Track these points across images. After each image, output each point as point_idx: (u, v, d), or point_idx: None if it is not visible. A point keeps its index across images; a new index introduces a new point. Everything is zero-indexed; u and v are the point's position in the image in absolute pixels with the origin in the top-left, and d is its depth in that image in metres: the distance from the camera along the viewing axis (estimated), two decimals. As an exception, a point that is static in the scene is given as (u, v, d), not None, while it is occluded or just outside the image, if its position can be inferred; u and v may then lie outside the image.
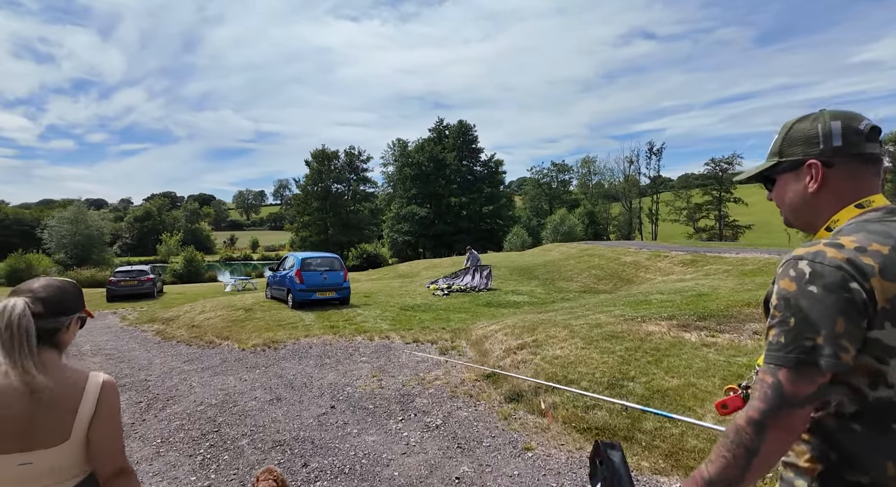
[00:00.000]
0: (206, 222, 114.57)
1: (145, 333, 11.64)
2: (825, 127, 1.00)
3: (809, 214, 1.06)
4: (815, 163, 1.00)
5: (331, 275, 13.08)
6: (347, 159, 54.32)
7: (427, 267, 27.83)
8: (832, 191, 1.01)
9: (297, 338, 9.27)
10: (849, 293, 0.83)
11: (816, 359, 0.84)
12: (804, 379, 0.85)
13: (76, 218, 46.72)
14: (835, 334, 0.83)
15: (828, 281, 0.85)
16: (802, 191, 1.04)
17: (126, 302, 18.38)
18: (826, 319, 0.83)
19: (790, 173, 1.06)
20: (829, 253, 0.87)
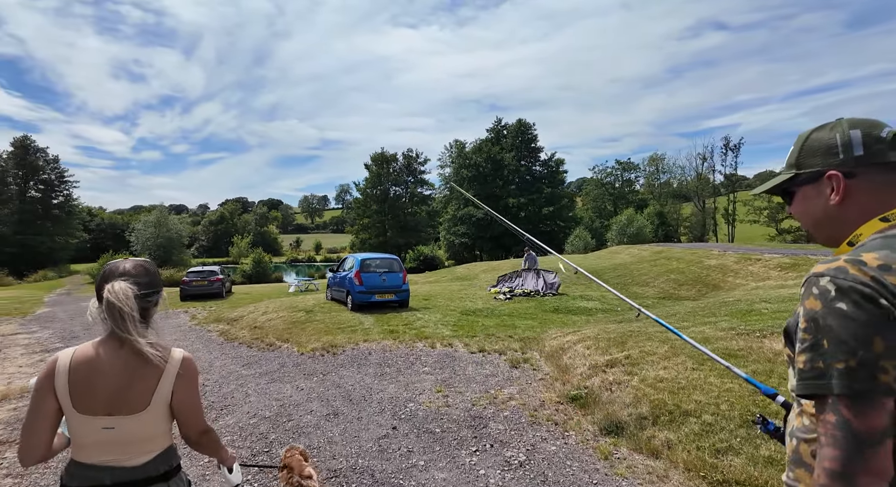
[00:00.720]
0: (273, 225, 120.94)
1: (210, 333, 11.74)
2: (844, 135, 0.95)
3: (832, 228, 0.99)
4: (835, 174, 0.95)
5: (390, 277, 12.61)
6: (405, 162, 54.73)
7: (486, 269, 26.97)
8: (855, 204, 0.94)
9: (356, 343, 8.79)
10: (881, 309, 0.76)
11: (850, 385, 0.76)
12: (871, 407, 0.75)
13: (158, 221, 50.63)
14: (872, 355, 0.75)
15: (855, 299, 0.78)
16: (824, 203, 0.98)
17: (197, 302, 19.11)
18: (860, 338, 0.76)
19: (810, 185, 1.00)
20: (852, 270, 0.81)
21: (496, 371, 6.53)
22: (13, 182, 46.83)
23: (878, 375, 0.75)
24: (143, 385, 1.35)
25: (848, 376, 0.76)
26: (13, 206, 46.21)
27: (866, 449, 0.74)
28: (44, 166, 48.27)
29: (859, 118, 0.96)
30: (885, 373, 0.75)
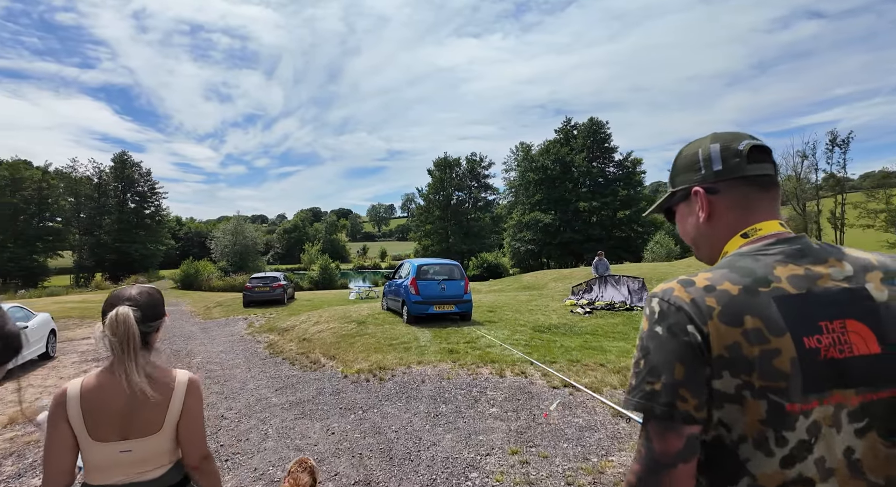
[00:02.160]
0: (342, 233, 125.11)
1: (258, 344, 10.88)
2: (705, 150, 0.93)
3: (707, 247, 0.96)
4: (698, 189, 0.93)
5: (450, 285, 11.07)
6: (469, 166, 53.43)
7: (556, 278, 24.69)
8: (721, 221, 0.92)
9: (409, 365, 7.31)
10: (687, 336, 0.77)
11: (653, 407, 0.77)
12: (670, 430, 0.76)
13: (236, 229, 53.37)
14: (673, 381, 0.76)
15: (671, 323, 0.79)
16: (695, 221, 0.96)
17: (259, 308, 18.81)
18: (666, 364, 0.77)
19: (683, 203, 0.99)
20: (677, 291, 0.81)
21: (593, 421, 4.71)
22: (113, 194, 51.64)
23: (676, 402, 0.75)
24: (155, 407, 1.37)
25: (652, 398, 0.77)
26: (113, 217, 50.85)
27: (661, 470, 0.75)
28: (138, 179, 52.89)
29: (725, 132, 0.94)
30: (683, 401, 0.75)
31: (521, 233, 46.05)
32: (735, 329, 0.75)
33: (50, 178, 50.10)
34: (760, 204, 0.89)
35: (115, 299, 1.40)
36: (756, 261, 0.82)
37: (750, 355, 0.74)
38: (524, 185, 47.71)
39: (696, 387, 0.75)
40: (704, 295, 0.78)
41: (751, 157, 0.88)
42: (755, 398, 0.74)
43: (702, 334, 0.76)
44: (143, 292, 1.45)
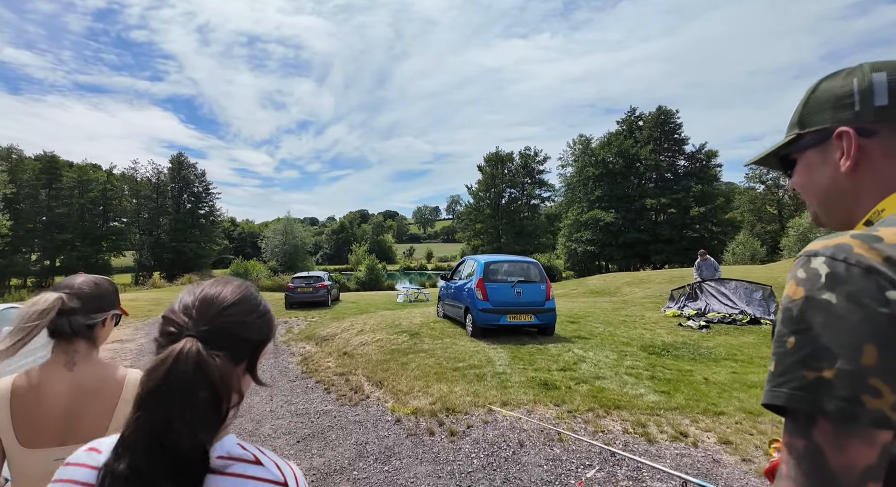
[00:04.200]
0: (389, 234, 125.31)
1: (292, 358, 8.94)
2: (863, 81, 0.70)
3: (843, 205, 0.73)
4: (846, 131, 0.70)
5: (528, 289, 8.64)
6: (522, 161, 50.33)
7: (629, 282, 21.57)
8: (874, 171, 0.70)
9: (489, 406, 4.99)
10: (886, 307, 0.53)
11: (821, 402, 0.53)
12: (854, 436, 0.53)
13: (285, 229, 53.40)
14: (858, 368, 0.52)
15: (853, 288, 0.55)
16: (832, 172, 0.73)
17: (301, 311, 17.17)
18: (846, 345, 0.54)
19: (814, 149, 0.75)
20: (858, 247, 0.58)
21: None
22: (170, 195, 53.05)
23: (861, 396, 0.52)
24: (99, 408, 1.21)
25: (819, 390, 0.54)
26: (170, 217, 52.20)
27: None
28: (194, 180, 54.04)
29: (890, 60, 0.71)
30: (874, 396, 0.52)
31: (578, 233, 42.46)
32: None
33: (114, 180, 52.17)
34: None
35: (55, 286, 1.28)
36: None
37: None
38: (582, 181, 43.96)
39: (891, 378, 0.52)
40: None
41: None
42: None
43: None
44: (87, 282, 1.29)
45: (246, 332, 0.76)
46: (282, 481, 0.72)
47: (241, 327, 0.75)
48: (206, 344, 0.69)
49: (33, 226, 48.66)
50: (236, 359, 0.73)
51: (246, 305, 0.78)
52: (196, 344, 0.68)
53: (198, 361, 0.66)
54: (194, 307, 0.74)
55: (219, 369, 0.67)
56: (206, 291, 0.78)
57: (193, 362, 0.65)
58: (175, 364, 0.65)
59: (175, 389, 0.64)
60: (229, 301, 0.76)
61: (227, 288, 0.79)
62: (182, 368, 0.65)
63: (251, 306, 0.78)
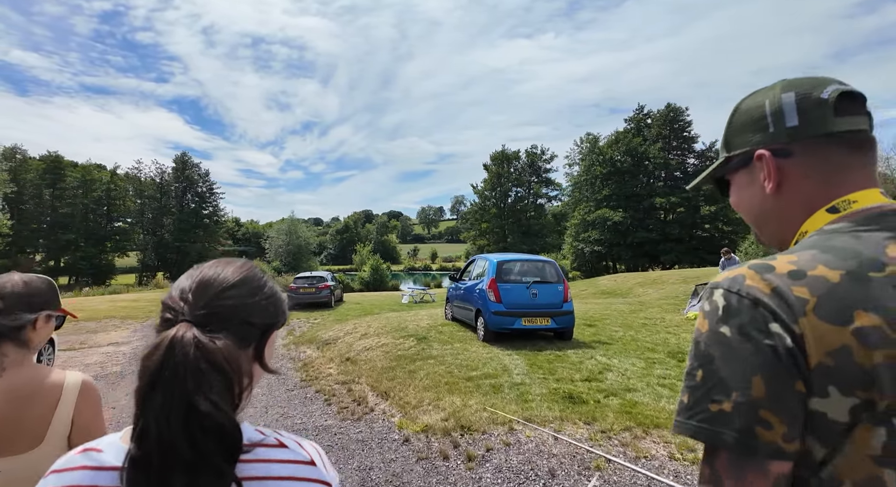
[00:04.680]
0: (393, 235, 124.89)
1: (291, 364, 8.38)
2: (774, 102, 0.70)
3: (773, 224, 0.73)
4: (763, 153, 0.70)
5: (543, 291, 8.04)
6: (528, 160, 49.60)
7: (642, 282, 20.92)
8: (796, 192, 0.70)
9: (510, 425, 4.40)
10: (769, 338, 0.56)
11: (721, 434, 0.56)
12: (751, 468, 0.55)
13: (289, 230, 53.03)
14: (749, 399, 0.55)
15: (743, 321, 0.58)
16: (759, 193, 0.73)
17: (304, 312, 16.65)
18: (737, 377, 0.56)
19: (742, 171, 0.75)
20: (750, 279, 0.60)
21: None
22: (174, 195, 52.79)
23: (755, 428, 0.54)
24: (36, 415, 1.12)
25: (719, 422, 0.56)
26: (174, 217, 51.94)
27: None
28: (197, 180, 53.77)
29: (801, 77, 0.71)
30: (765, 428, 0.54)
31: (585, 233, 41.74)
32: (842, 328, 0.55)
33: (118, 180, 51.98)
34: (851, 169, 0.68)
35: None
36: (857, 239, 0.61)
37: (867, 363, 0.53)
38: (590, 180, 43.20)
39: (785, 408, 0.55)
40: (791, 283, 0.58)
41: (839, 108, 0.67)
42: (873, 423, 0.54)
43: (792, 335, 0.55)
44: (14, 281, 1.20)
45: (248, 315, 0.69)
46: (308, 459, 0.69)
47: (243, 310, 0.69)
48: (203, 328, 0.63)
49: (37, 226, 48.55)
50: (240, 343, 0.67)
51: (248, 287, 0.71)
52: (191, 328, 0.63)
53: (196, 344, 0.61)
54: (191, 290, 0.69)
55: (223, 350, 0.62)
56: (205, 273, 0.72)
57: (191, 346, 0.60)
58: (169, 351, 0.60)
59: (180, 375, 0.58)
60: (229, 282, 0.70)
61: (227, 269, 0.73)
62: (179, 353, 0.59)
63: (254, 288, 0.72)
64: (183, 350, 0.60)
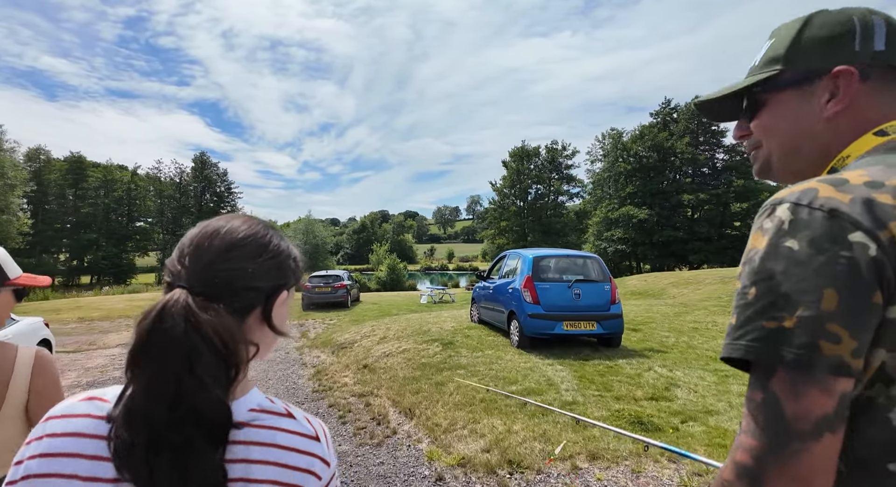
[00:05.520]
0: (409, 234, 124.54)
1: (304, 370, 7.57)
2: (866, 21, 0.66)
3: (810, 152, 0.69)
4: (849, 70, 0.65)
5: (588, 290, 7.06)
6: (549, 156, 48.24)
7: (675, 282, 19.66)
8: (853, 116, 0.66)
9: (572, 460, 3.46)
10: (847, 250, 0.51)
11: (779, 351, 0.51)
12: (812, 385, 0.50)
13: (306, 229, 52.73)
14: (817, 313, 0.50)
15: (815, 233, 0.53)
16: (812, 115, 0.68)
17: (319, 312, 15.92)
18: (805, 290, 0.51)
19: (795, 89, 0.69)
20: (824, 191, 0.55)
21: None
22: (193, 194, 53.05)
23: (819, 342, 0.50)
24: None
25: (778, 339, 0.52)
26: (193, 216, 52.17)
27: (797, 443, 0.50)
28: (216, 180, 53.95)
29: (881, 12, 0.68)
30: (832, 341, 0.50)
31: (608, 232, 40.28)
32: None
33: (138, 180, 52.46)
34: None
35: None
36: None
37: None
38: (613, 177, 41.66)
39: (858, 322, 0.50)
40: (871, 192, 0.53)
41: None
42: None
43: (878, 243, 0.50)
44: None
45: (251, 279, 0.65)
46: (314, 435, 0.67)
47: (243, 274, 0.64)
48: (200, 294, 0.60)
49: (61, 226, 49.25)
50: (241, 310, 0.64)
51: (251, 247, 0.66)
52: (185, 296, 0.59)
53: (186, 316, 0.57)
54: (189, 252, 0.64)
55: (214, 323, 0.58)
56: (204, 232, 0.67)
57: (182, 317, 0.57)
58: (159, 320, 0.57)
59: (169, 347, 0.56)
60: (228, 243, 0.65)
61: (229, 226, 0.67)
62: (169, 324, 0.56)
63: (257, 248, 0.66)
64: (173, 321, 0.56)
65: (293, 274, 0.71)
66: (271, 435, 0.62)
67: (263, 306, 0.66)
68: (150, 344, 0.56)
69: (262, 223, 0.71)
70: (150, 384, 0.55)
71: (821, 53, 0.67)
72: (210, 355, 0.56)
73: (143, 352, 0.56)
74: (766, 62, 0.72)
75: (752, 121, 0.74)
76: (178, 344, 0.55)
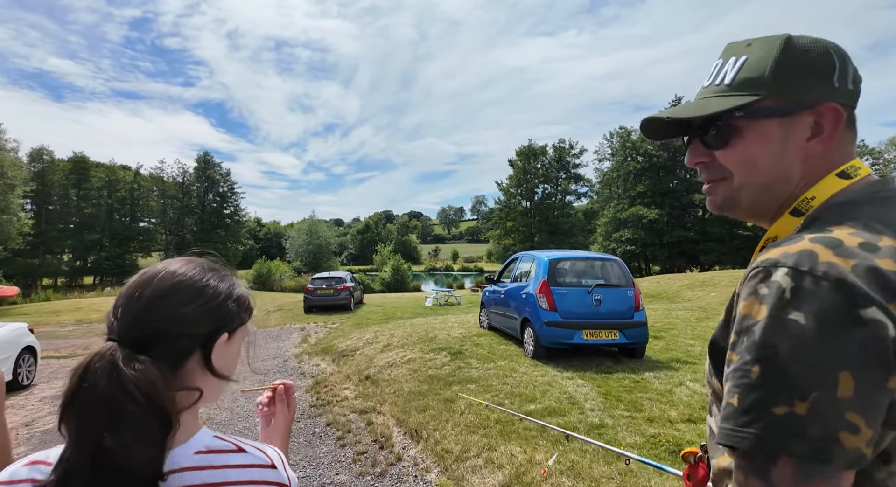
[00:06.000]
0: (414, 235, 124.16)
1: (302, 381, 7.07)
2: (841, 55, 0.64)
3: (779, 189, 0.66)
4: (836, 108, 0.62)
5: (609, 296, 6.49)
6: (556, 155, 47.53)
7: (690, 284, 19.02)
8: (825, 156, 0.64)
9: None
10: (862, 328, 0.47)
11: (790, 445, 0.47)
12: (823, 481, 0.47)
13: (310, 230, 52.40)
14: (835, 400, 0.46)
15: (824, 308, 0.48)
16: (791, 149, 0.64)
17: (321, 315, 15.43)
18: (819, 373, 0.47)
19: (774, 119, 0.64)
20: (823, 255, 0.51)
21: None
22: (195, 194, 52.78)
23: (838, 434, 0.46)
24: None
25: (789, 428, 0.47)
26: (195, 217, 51.92)
27: None
28: (219, 180, 53.64)
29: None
30: (851, 432, 0.46)
31: (617, 232, 39.62)
32: None
33: (141, 180, 52.26)
34: (854, 143, 0.67)
35: None
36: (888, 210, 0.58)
37: None
38: (622, 176, 41.01)
39: (874, 409, 0.47)
40: (871, 257, 0.50)
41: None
42: None
43: (892, 320, 0.47)
44: None
45: (182, 327, 0.64)
46: (268, 463, 0.68)
47: (175, 321, 0.64)
48: (130, 347, 0.61)
49: (64, 226, 49.13)
50: (175, 358, 0.64)
51: (183, 294, 0.66)
52: (113, 350, 0.60)
53: (110, 371, 0.57)
54: (120, 305, 0.65)
55: (137, 377, 0.57)
56: (138, 280, 0.67)
57: (105, 373, 0.57)
58: (84, 377, 0.58)
59: (91, 405, 0.56)
60: (158, 292, 0.65)
61: (163, 274, 0.67)
62: (92, 382, 0.57)
63: (190, 294, 0.66)
64: (96, 377, 0.57)
65: (234, 317, 0.70)
66: (221, 474, 0.62)
67: (202, 351, 0.66)
68: (75, 402, 0.56)
69: (201, 266, 0.71)
70: (77, 443, 0.55)
71: (805, 83, 0.63)
72: (135, 409, 0.56)
73: (69, 411, 0.56)
74: (742, 84, 0.65)
75: (721, 149, 0.67)
76: (99, 402, 0.55)
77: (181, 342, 0.64)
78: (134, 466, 0.55)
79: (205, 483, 0.61)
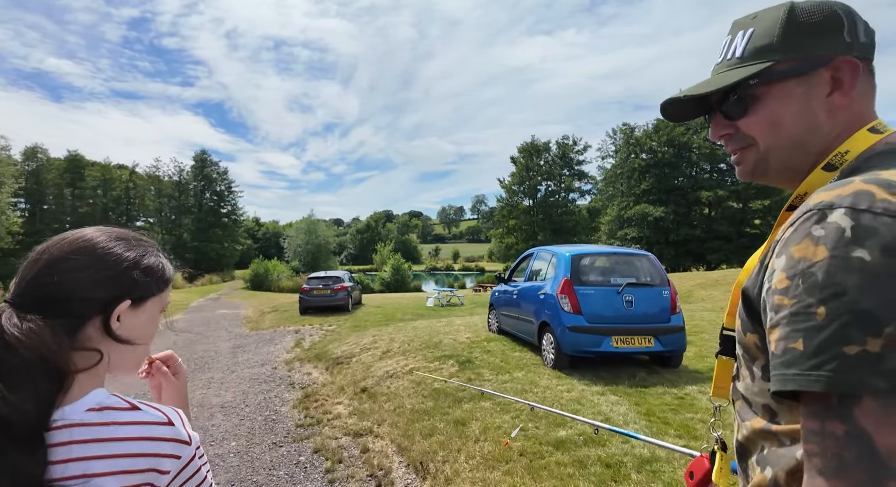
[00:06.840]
0: (414, 234, 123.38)
1: (290, 393, 6.27)
2: (848, 11, 0.64)
3: (809, 147, 0.65)
4: (853, 62, 0.62)
5: (641, 297, 5.68)
6: (560, 151, 46.67)
7: (703, 283, 18.22)
8: (850, 110, 0.64)
9: None
10: None
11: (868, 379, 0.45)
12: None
13: (308, 229, 51.56)
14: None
15: (888, 240, 0.47)
16: (815, 107, 0.64)
17: (317, 317, 14.62)
18: (891, 306, 0.46)
19: (795, 80, 0.64)
20: (880, 193, 0.51)
21: None
22: (192, 193, 51.94)
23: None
24: None
25: (864, 365, 0.46)
26: (192, 216, 51.09)
27: (891, 481, 0.45)
28: (216, 179, 52.82)
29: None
30: None
31: (622, 231, 38.76)
32: None
33: (137, 179, 51.44)
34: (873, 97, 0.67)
35: None
36: None
37: None
38: (626, 173, 40.17)
39: None
40: None
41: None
42: None
43: None
44: None
45: (76, 290, 0.64)
46: (164, 420, 0.67)
47: (70, 285, 0.64)
48: (20, 308, 0.62)
49: (59, 226, 48.31)
50: (70, 320, 0.64)
51: (82, 260, 0.66)
52: (9, 312, 0.61)
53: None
54: (21, 269, 0.67)
55: (21, 331, 0.59)
56: (41, 246, 0.68)
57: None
58: None
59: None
60: (56, 258, 0.66)
61: (71, 238, 0.69)
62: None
63: (90, 260, 0.67)
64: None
65: (138, 285, 0.70)
66: (111, 430, 0.63)
67: (102, 316, 0.66)
68: None
69: (110, 234, 0.71)
70: None
71: (816, 42, 0.63)
72: (17, 361, 0.57)
73: None
74: (754, 54, 0.66)
75: (742, 117, 0.68)
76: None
77: (74, 305, 0.64)
78: (13, 416, 0.55)
79: (95, 438, 0.61)
